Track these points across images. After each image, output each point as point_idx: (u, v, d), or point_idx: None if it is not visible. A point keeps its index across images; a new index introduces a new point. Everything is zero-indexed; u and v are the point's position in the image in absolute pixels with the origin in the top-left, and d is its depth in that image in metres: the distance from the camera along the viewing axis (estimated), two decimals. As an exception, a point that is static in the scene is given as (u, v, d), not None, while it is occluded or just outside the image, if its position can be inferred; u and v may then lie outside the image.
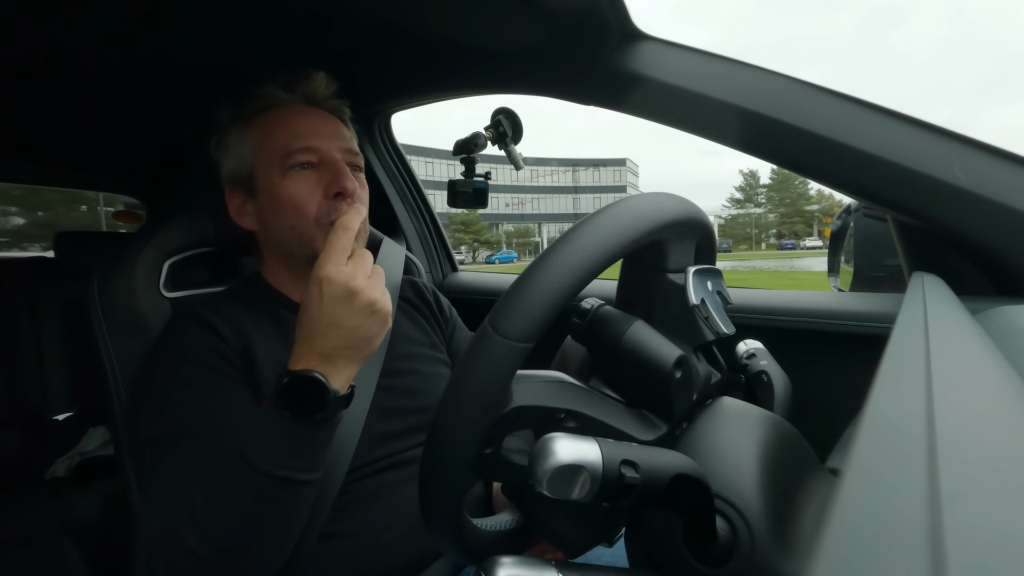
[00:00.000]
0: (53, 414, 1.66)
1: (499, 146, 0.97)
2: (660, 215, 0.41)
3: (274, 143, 0.68)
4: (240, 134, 0.71)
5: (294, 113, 0.71)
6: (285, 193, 0.68)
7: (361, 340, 0.54)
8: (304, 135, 0.68)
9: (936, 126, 0.61)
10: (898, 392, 0.21)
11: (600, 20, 0.71)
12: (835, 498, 0.13)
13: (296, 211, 0.67)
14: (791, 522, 0.37)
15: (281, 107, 0.71)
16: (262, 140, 0.70)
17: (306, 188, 0.68)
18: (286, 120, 0.70)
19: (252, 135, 0.70)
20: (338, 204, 0.67)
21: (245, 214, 0.73)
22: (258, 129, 0.70)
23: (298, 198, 0.67)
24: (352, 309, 0.53)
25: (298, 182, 0.68)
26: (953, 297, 0.52)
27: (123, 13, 0.76)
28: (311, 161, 0.68)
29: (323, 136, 0.69)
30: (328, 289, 0.52)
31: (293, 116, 0.70)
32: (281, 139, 0.68)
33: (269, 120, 0.70)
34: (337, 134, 0.71)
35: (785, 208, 67.32)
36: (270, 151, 0.69)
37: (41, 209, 19.12)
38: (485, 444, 0.35)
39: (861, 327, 0.84)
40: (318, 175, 0.68)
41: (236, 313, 0.69)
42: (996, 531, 0.12)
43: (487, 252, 56.81)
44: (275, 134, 0.69)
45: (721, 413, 0.45)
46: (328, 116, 0.73)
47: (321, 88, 0.73)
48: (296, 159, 0.68)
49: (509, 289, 0.34)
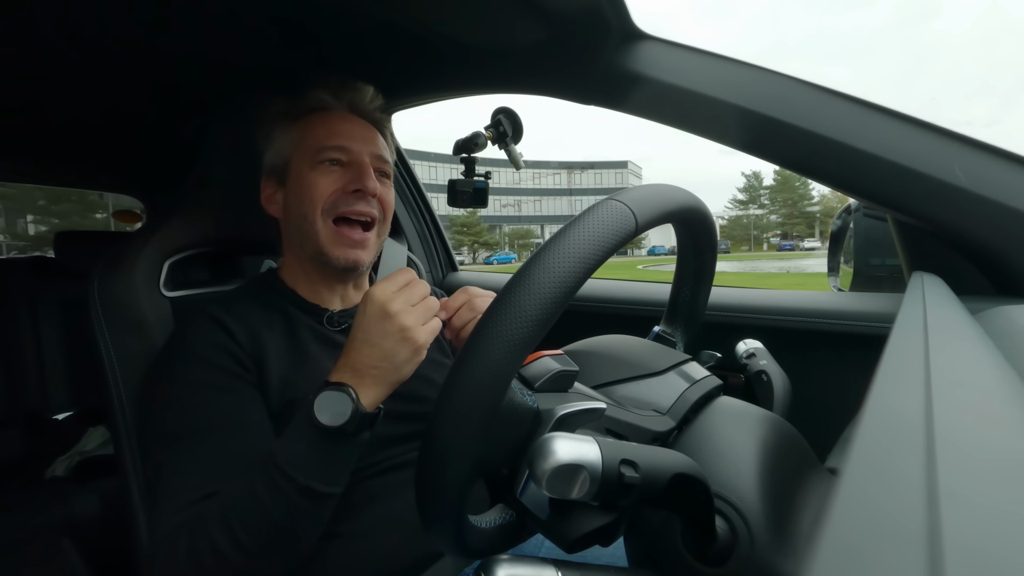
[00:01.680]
0: (53, 414, 1.66)
1: (499, 146, 0.97)
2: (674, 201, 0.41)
3: (312, 140, 0.73)
4: (284, 130, 0.76)
5: (337, 117, 0.75)
6: (308, 182, 0.72)
7: (390, 364, 0.56)
8: (340, 136, 0.73)
9: (936, 126, 0.61)
10: (897, 392, 0.21)
11: (600, 20, 0.71)
12: (833, 497, 0.13)
13: (311, 200, 0.72)
14: (790, 522, 0.37)
15: (326, 111, 0.76)
16: (302, 137, 0.74)
17: (328, 181, 0.72)
18: (328, 122, 0.74)
19: (295, 132, 0.75)
20: (353, 199, 0.71)
21: (273, 202, 0.77)
22: (301, 127, 0.75)
23: (316, 188, 0.71)
24: (385, 330, 0.55)
25: (323, 175, 0.72)
26: (953, 297, 0.52)
27: (123, 14, 0.76)
28: (340, 159, 0.73)
29: (357, 140, 0.74)
30: (369, 307, 0.56)
31: (335, 119, 0.75)
32: (319, 137, 0.73)
33: (312, 120, 0.75)
34: (372, 140, 0.76)
35: (787, 209, 67.33)
36: (306, 147, 0.73)
37: (58, 217, 19.69)
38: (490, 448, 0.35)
39: (861, 327, 0.84)
40: (343, 172, 0.73)
41: (248, 312, 0.70)
42: (994, 530, 0.12)
43: (487, 253, 56.86)
44: (315, 132, 0.74)
45: (721, 413, 0.45)
46: (367, 125, 0.77)
47: (366, 99, 0.78)
48: (327, 155, 0.72)
49: (506, 286, 0.34)
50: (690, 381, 0.47)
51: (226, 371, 0.64)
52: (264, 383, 0.66)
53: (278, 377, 0.67)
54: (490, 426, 0.34)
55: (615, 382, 0.47)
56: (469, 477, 0.35)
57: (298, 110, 0.76)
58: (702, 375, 0.49)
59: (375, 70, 0.98)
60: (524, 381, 0.41)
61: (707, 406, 0.45)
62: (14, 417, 1.57)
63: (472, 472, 0.35)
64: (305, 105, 0.76)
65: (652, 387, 0.47)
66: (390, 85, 1.08)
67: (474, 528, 0.40)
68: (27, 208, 22.50)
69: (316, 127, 0.74)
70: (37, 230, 22.14)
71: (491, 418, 0.34)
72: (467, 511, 0.38)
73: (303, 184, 0.72)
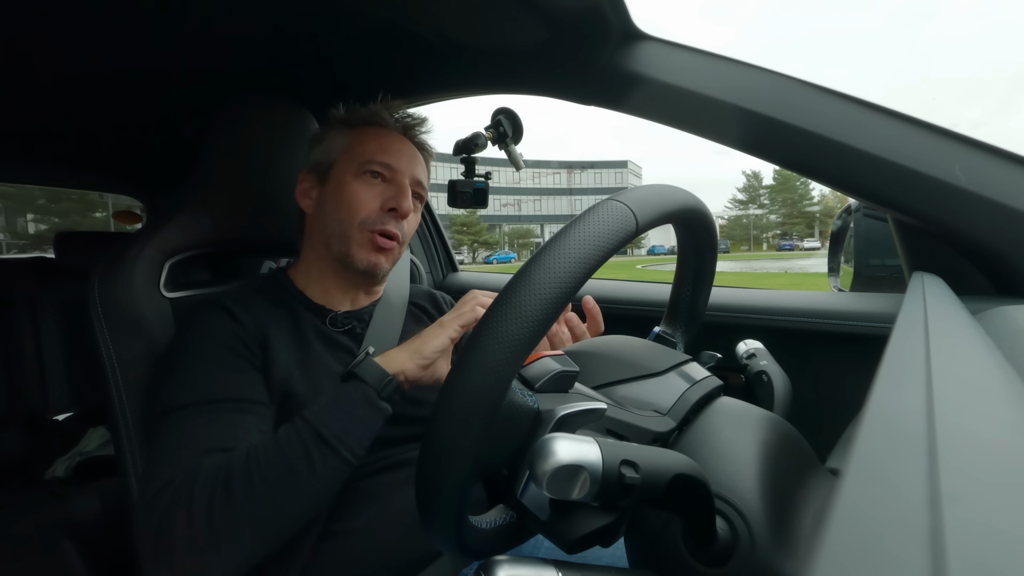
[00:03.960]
0: (53, 414, 1.66)
1: (499, 146, 0.97)
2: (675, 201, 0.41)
3: (362, 149, 0.77)
4: (339, 134, 0.79)
5: (389, 136, 0.79)
6: (350, 191, 0.75)
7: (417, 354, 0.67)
8: (389, 153, 0.77)
9: (936, 126, 0.61)
10: (898, 392, 0.21)
11: (601, 20, 0.71)
12: (835, 498, 0.13)
13: (351, 209, 0.75)
14: (791, 522, 0.37)
15: (382, 127, 0.80)
16: (354, 145, 0.78)
17: (368, 194, 0.76)
18: (381, 139, 0.78)
19: (347, 138, 0.78)
20: (387, 218, 0.76)
21: (307, 197, 0.80)
22: (355, 136, 0.78)
23: (357, 199, 0.75)
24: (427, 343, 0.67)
25: (364, 186, 0.76)
26: (953, 297, 0.52)
27: (124, 15, 0.76)
28: (385, 175, 0.77)
29: (405, 160, 0.78)
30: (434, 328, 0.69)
31: (388, 138, 0.79)
32: (369, 149, 0.77)
33: (366, 132, 0.79)
34: (416, 164, 0.80)
35: (787, 209, 67.33)
36: (355, 154, 0.77)
37: (58, 216, 19.81)
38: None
39: (861, 327, 0.84)
40: (384, 188, 0.77)
41: (258, 305, 0.73)
42: (996, 531, 0.12)
43: (486, 252, 56.86)
44: (367, 144, 0.77)
45: (721, 413, 0.45)
46: (415, 149, 0.82)
47: (420, 128, 0.83)
48: (373, 168, 0.76)
49: (507, 287, 0.34)
50: (690, 381, 0.47)
51: (235, 352, 0.67)
52: (267, 372, 0.68)
53: (281, 369, 0.68)
54: (490, 426, 0.34)
55: (615, 382, 0.47)
56: (469, 478, 0.35)
57: (355, 119, 0.80)
58: (702, 375, 0.49)
59: (375, 70, 0.98)
60: (524, 382, 0.41)
61: (707, 407, 0.45)
62: (14, 418, 1.57)
63: (472, 472, 0.35)
64: (363, 117, 0.79)
65: (652, 388, 0.47)
66: (390, 85, 1.08)
67: (474, 529, 0.40)
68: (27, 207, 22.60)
69: (369, 139, 0.77)
70: (37, 229, 22.24)
71: (491, 419, 0.34)
72: (467, 511, 0.38)
73: (344, 190, 0.75)
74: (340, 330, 0.77)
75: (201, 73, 0.96)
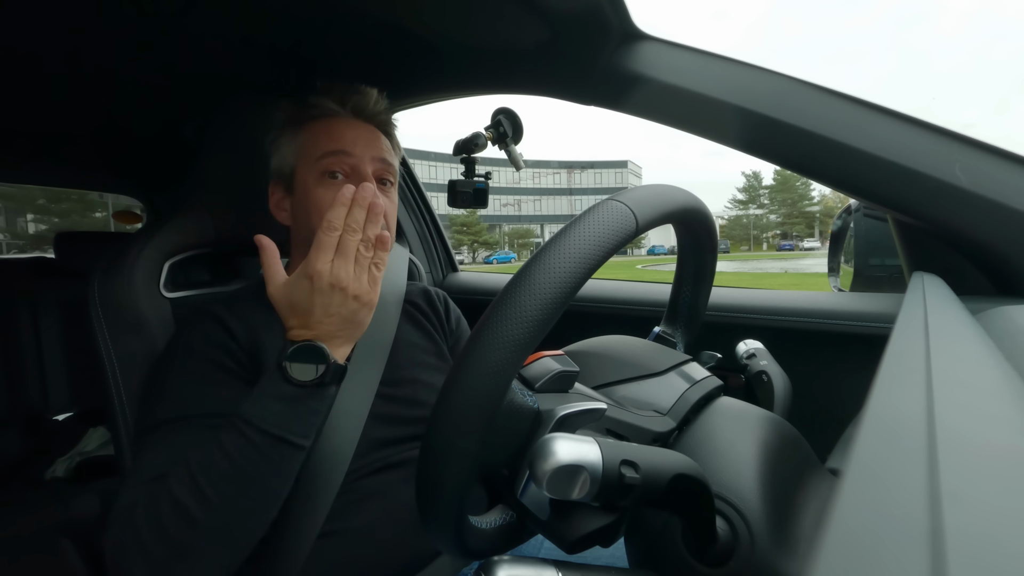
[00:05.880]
0: (53, 414, 1.66)
1: (499, 146, 0.97)
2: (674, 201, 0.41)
3: (314, 146, 0.73)
4: (291, 137, 0.76)
5: (340, 123, 0.75)
6: (314, 198, 0.72)
7: (351, 325, 0.59)
8: (341, 140, 0.73)
9: (936, 126, 0.61)
10: (898, 392, 0.21)
11: (601, 20, 0.71)
12: (835, 498, 0.13)
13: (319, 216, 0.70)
14: (791, 522, 0.37)
15: (331, 118, 0.75)
16: (306, 144, 0.74)
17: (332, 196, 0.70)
18: (330, 130, 0.74)
19: (299, 139, 0.75)
20: None
21: (281, 209, 0.78)
22: (305, 134, 0.75)
23: (323, 204, 0.71)
24: (340, 300, 0.57)
25: (327, 190, 0.72)
26: (953, 297, 0.52)
27: (124, 15, 0.76)
28: (343, 170, 0.73)
29: (359, 147, 0.73)
30: (318, 283, 0.57)
31: (338, 125, 0.75)
32: (320, 144, 0.73)
33: (316, 127, 0.75)
34: (375, 144, 0.75)
35: (787, 209, 67.32)
36: (310, 154, 0.73)
37: (58, 216, 19.83)
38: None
39: (861, 327, 0.84)
40: None
41: (250, 311, 0.71)
42: (997, 531, 0.12)
43: (486, 252, 56.87)
44: (318, 139, 0.74)
45: (721, 413, 0.45)
46: (371, 128, 0.77)
47: (371, 103, 0.77)
48: (329, 163, 0.72)
49: (507, 287, 0.34)
50: (690, 382, 0.47)
51: (221, 367, 0.65)
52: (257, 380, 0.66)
53: None
54: (490, 427, 0.34)
55: (615, 383, 0.47)
56: (469, 478, 0.35)
57: (302, 116, 0.76)
58: (702, 375, 0.49)
59: (375, 70, 0.98)
60: (524, 382, 0.41)
61: (707, 407, 0.45)
62: (14, 418, 1.57)
63: (472, 472, 0.35)
64: (310, 112, 0.75)
65: (652, 388, 0.47)
66: (390, 85, 1.08)
67: (474, 529, 0.40)
68: (27, 207, 22.64)
69: (319, 134, 0.74)
70: (37, 229, 22.27)
71: (491, 419, 0.34)
72: (467, 511, 0.38)
73: (309, 199, 0.73)
74: None
75: (201, 73, 0.96)
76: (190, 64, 0.93)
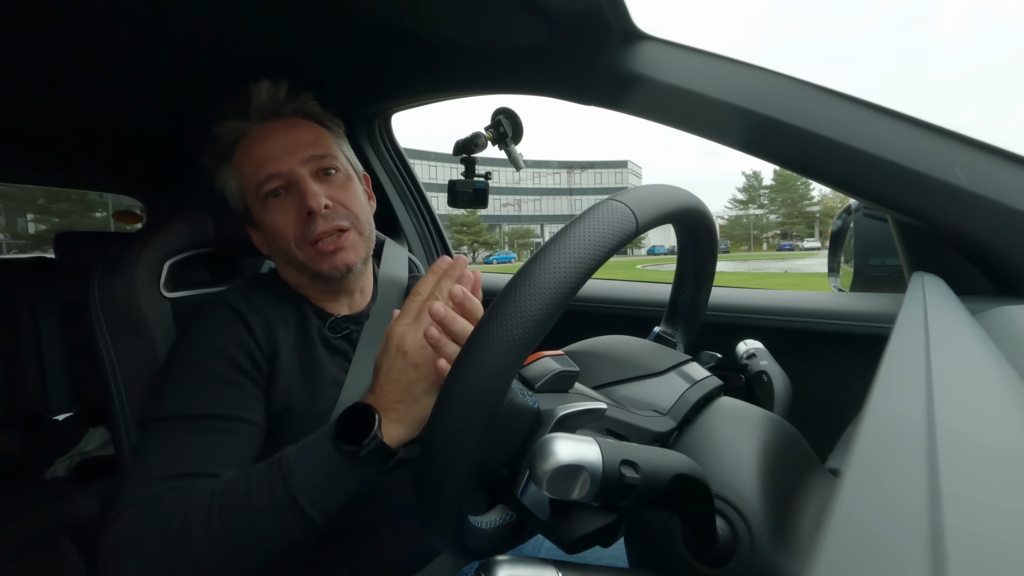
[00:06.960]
0: (53, 414, 1.66)
1: (499, 146, 0.97)
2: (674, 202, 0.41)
3: (247, 178, 0.72)
4: (228, 176, 0.75)
5: (255, 140, 0.72)
6: (269, 224, 0.71)
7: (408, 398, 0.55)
8: (264, 162, 0.70)
9: (936, 126, 0.61)
10: (898, 392, 0.21)
11: (601, 20, 0.71)
12: (835, 498, 0.13)
13: (280, 238, 0.71)
14: (791, 522, 0.37)
15: (245, 137, 0.72)
16: (240, 177, 0.73)
17: (282, 216, 0.71)
18: (249, 151, 0.72)
19: (234, 174, 0.74)
20: (311, 224, 0.69)
21: (261, 244, 0.77)
22: (235, 167, 0.73)
23: (277, 227, 0.71)
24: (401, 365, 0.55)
25: (276, 211, 0.71)
26: (953, 297, 0.52)
27: (124, 15, 0.76)
28: (281, 186, 0.70)
29: (281, 156, 0.70)
30: (388, 345, 0.56)
31: (254, 144, 0.72)
32: (248, 173, 0.71)
33: (239, 155, 0.73)
34: (296, 145, 0.71)
35: (787, 209, 67.32)
36: (247, 186, 0.72)
37: (58, 216, 19.86)
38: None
39: (861, 327, 0.84)
40: (290, 199, 0.70)
41: (265, 306, 0.71)
42: (997, 531, 0.12)
43: (486, 252, 56.89)
44: (244, 169, 0.72)
45: (721, 413, 0.45)
46: (287, 128, 0.72)
47: (267, 99, 0.72)
48: (265, 188, 0.70)
49: (507, 287, 0.34)
50: (690, 382, 0.47)
51: (236, 365, 0.64)
52: (272, 380, 0.66)
53: (286, 377, 0.67)
54: (491, 427, 0.34)
55: (615, 383, 0.47)
56: (469, 478, 0.35)
57: (224, 149, 0.73)
58: (702, 375, 0.49)
59: (375, 70, 0.98)
60: (524, 382, 0.41)
61: (708, 407, 0.46)
62: (14, 418, 1.57)
63: (473, 472, 0.35)
64: (225, 142, 0.73)
65: (652, 388, 0.47)
66: (390, 85, 1.08)
67: (474, 529, 0.40)
68: (27, 207, 22.67)
69: (243, 163, 0.72)
70: (37, 229, 22.30)
71: (492, 419, 0.34)
72: (467, 511, 0.38)
73: (266, 226, 0.72)
74: (338, 335, 0.76)
75: (201, 73, 0.96)
76: (190, 64, 0.93)
